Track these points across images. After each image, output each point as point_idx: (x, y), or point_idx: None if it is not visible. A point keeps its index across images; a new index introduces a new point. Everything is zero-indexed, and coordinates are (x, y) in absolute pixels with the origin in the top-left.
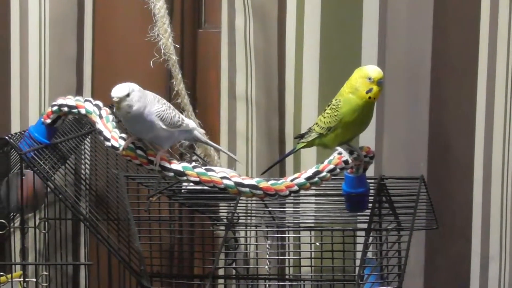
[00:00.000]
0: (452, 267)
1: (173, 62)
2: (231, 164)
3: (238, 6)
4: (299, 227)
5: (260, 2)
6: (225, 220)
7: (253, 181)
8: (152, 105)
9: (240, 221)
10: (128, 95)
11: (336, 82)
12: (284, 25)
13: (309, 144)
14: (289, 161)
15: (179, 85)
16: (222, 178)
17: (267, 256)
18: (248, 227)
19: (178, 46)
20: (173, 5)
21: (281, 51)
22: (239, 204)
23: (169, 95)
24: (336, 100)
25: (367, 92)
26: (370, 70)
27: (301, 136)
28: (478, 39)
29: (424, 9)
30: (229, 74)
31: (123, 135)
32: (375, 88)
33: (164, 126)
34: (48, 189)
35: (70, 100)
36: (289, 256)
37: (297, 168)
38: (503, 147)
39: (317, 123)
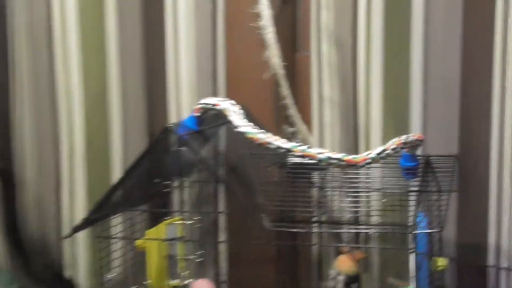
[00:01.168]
0: (476, 217)
1: (280, 76)
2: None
3: (324, 36)
4: (370, 189)
5: (339, 34)
6: (318, 184)
7: (339, 155)
8: None
9: (328, 184)
10: None
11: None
12: (356, 50)
13: None
14: (362, 142)
15: (285, 92)
16: (318, 153)
17: (347, 209)
18: (334, 189)
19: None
20: (278, 35)
21: (354, 69)
22: (327, 173)
23: (276, 100)
24: None
25: None
26: None
27: None
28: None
29: (454, 36)
30: (318, 86)
31: (249, 124)
32: None
33: None
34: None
35: (212, 100)
36: (362, 209)
37: (368, 148)
38: None
39: None
